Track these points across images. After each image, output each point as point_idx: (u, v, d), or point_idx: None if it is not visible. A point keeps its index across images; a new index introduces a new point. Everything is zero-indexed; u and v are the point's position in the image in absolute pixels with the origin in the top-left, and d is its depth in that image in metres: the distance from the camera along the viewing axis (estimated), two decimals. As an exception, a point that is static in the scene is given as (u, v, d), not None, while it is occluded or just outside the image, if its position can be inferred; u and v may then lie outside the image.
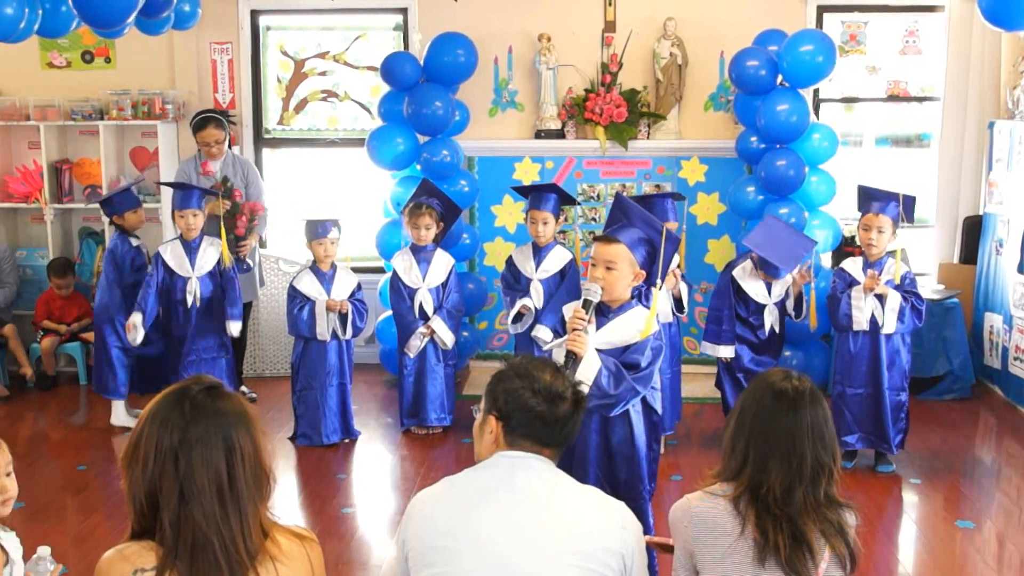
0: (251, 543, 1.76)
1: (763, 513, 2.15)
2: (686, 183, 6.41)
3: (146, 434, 1.77)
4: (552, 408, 2.12)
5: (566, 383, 2.17)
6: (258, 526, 1.79)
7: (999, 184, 6.09)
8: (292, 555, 1.83)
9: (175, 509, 1.73)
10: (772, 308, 4.97)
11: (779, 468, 2.15)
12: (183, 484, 1.73)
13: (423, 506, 2.13)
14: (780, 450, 2.16)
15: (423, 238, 5.33)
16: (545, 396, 2.12)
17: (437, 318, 5.34)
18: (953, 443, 5.28)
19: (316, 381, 5.25)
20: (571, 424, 2.17)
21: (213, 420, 1.77)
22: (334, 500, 4.59)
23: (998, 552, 4.08)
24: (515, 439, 2.13)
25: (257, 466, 1.81)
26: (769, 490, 2.15)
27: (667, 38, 6.28)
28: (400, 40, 6.69)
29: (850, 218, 6.08)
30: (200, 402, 1.79)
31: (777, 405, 2.20)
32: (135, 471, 1.77)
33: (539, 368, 2.17)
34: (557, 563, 2.00)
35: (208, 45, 6.65)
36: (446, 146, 5.98)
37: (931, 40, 6.55)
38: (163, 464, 1.74)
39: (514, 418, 2.12)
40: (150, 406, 1.82)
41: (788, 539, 2.11)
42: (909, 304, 4.66)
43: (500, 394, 2.15)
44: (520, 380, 2.14)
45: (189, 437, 1.74)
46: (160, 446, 1.75)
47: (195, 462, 1.73)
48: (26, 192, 6.64)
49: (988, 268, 6.17)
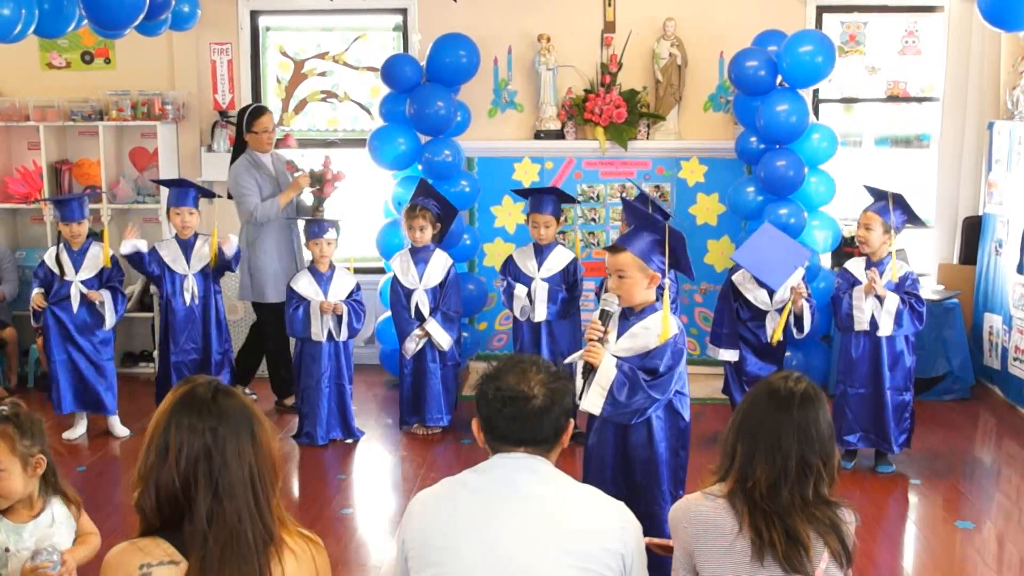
0: (275, 531, 1.84)
1: (754, 510, 2.16)
2: (686, 183, 6.41)
3: (173, 440, 1.80)
4: (519, 409, 2.11)
5: (537, 380, 2.14)
6: (277, 515, 1.86)
7: (998, 185, 6.09)
8: (302, 551, 1.88)
9: (210, 505, 1.77)
10: (773, 315, 4.97)
11: (764, 465, 2.17)
12: (219, 480, 1.78)
13: (423, 506, 2.14)
14: (765, 447, 2.18)
15: (419, 239, 5.34)
16: (509, 397, 2.12)
17: (432, 320, 5.34)
18: (953, 444, 5.28)
19: (313, 380, 5.27)
20: (548, 419, 2.14)
21: (238, 416, 1.84)
22: (334, 501, 4.59)
23: (998, 552, 4.08)
24: (493, 440, 2.16)
25: (271, 458, 1.88)
26: (755, 486, 2.17)
27: (667, 38, 6.28)
28: (400, 41, 6.69)
29: (850, 218, 6.08)
30: (220, 401, 1.85)
31: (768, 403, 2.23)
32: (163, 476, 1.78)
33: (509, 369, 2.17)
34: (557, 563, 2.00)
35: (208, 46, 6.65)
36: (447, 146, 5.98)
37: (931, 40, 6.55)
38: (195, 465, 1.78)
39: (488, 421, 2.15)
40: (166, 414, 1.84)
41: (782, 536, 2.12)
42: (907, 307, 4.65)
43: (478, 398, 2.18)
44: (488, 383, 2.17)
45: (221, 435, 1.80)
46: (192, 448, 1.79)
47: (229, 458, 1.80)
48: (26, 193, 6.64)
49: (988, 269, 6.17)
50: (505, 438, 2.14)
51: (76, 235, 5.24)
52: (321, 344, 5.24)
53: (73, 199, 5.32)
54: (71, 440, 5.33)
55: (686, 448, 3.40)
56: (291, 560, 1.84)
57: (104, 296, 5.23)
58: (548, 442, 2.16)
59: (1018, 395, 5.81)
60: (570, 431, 2.21)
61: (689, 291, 6.38)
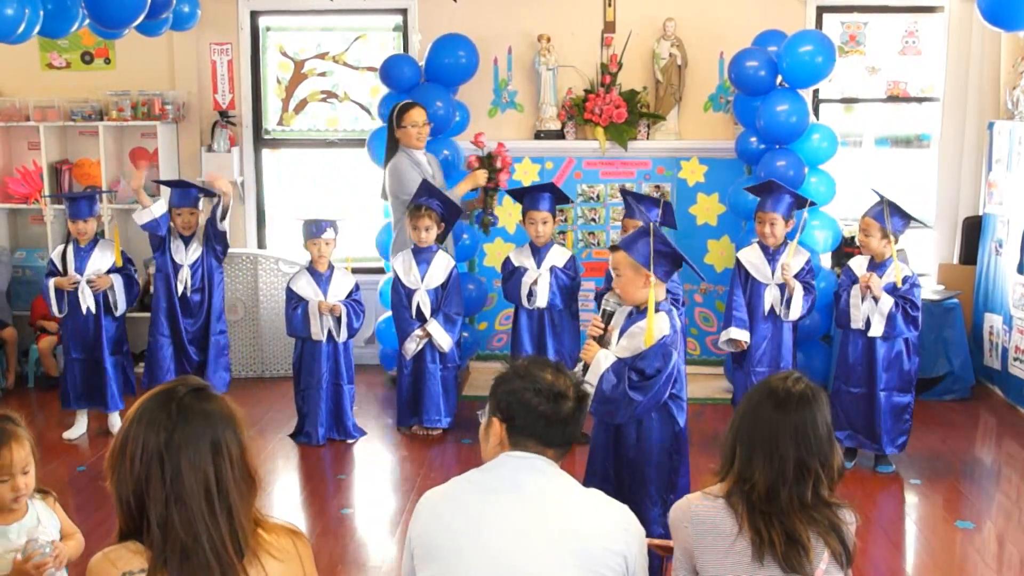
0: (241, 543, 1.76)
1: (753, 511, 2.16)
2: (686, 183, 6.41)
3: (132, 435, 1.76)
4: (555, 407, 2.12)
5: (568, 382, 2.17)
6: (249, 525, 1.79)
7: (999, 185, 6.09)
8: (285, 551, 1.83)
9: (162, 511, 1.72)
10: (773, 288, 4.96)
11: (762, 467, 2.17)
12: (170, 486, 1.72)
13: (430, 504, 2.15)
14: (763, 449, 2.18)
15: (424, 239, 5.32)
16: (548, 395, 2.12)
17: (433, 321, 5.34)
18: (953, 444, 5.28)
19: (314, 380, 5.27)
20: (574, 423, 2.17)
21: (200, 422, 1.76)
22: (334, 500, 4.59)
23: (998, 552, 4.08)
24: (519, 440, 2.14)
25: (244, 466, 1.80)
26: (753, 487, 2.16)
27: (667, 38, 6.28)
28: (400, 41, 6.69)
29: (850, 218, 6.08)
30: (187, 404, 1.78)
31: (766, 404, 2.23)
32: (122, 472, 1.76)
33: (540, 368, 2.18)
34: (559, 563, 2.01)
35: (208, 46, 6.65)
36: (447, 146, 5.98)
37: (931, 40, 6.55)
38: (149, 466, 1.73)
39: (518, 419, 2.13)
40: (136, 407, 1.81)
41: (782, 537, 2.12)
42: (900, 310, 4.65)
43: (503, 396, 2.15)
44: (522, 380, 2.14)
45: (176, 439, 1.73)
46: (146, 448, 1.74)
47: (182, 464, 1.72)
48: (26, 193, 6.64)
49: (988, 269, 6.16)
50: (539, 437, 2.12)
51: (83, 232, 5.27)
52: (320, 344, 5.24)
53: (82, 197, 5.37)
54: (72, 440, 5.33)
55: (680, 453, 3.38)
56: (273, 565, 1.79)
57: (114, 280, 5.26)
58: (567, 445, 2.17)
59: (1018, 395, 5.81)
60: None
61: (689, 291, 6.37)
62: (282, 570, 1.80)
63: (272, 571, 1.79)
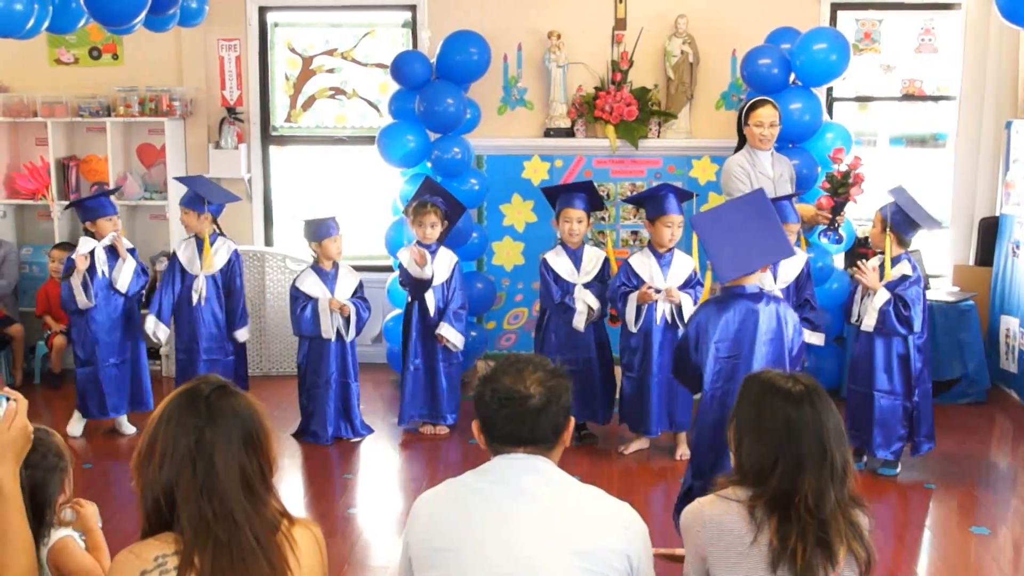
0: (279, 523, 1.86)
1: (787, 520, 2.11)
2: (697, 182, 6.34)
3: (161, 436, 1.82)
4: (515, 409, 2.08)
5: (534, 379, 2.10)
6: (281, 509, 1.89)
7: (1016, 185, 6.00)
8: (305, 540, 1.90)
9: (194, 508, 1.78)
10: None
11: (813, 473, 2.13)
12: (204, 482, 1.79)
13: (425, 507, 2.13)
14: (813, 457, 2.15)
15: (428, 236, 5.29)
16: (506, 398, 2.09)
17: (444, 324, 5.30)
18: (968, 448, 5.21)
19: (321, 380, 5.24)
20: (546, 418, 2.09)
21: (230, 419, 1.84)
22: (340, 500, 4.56)
23: (1014, 559, 4.01)
24: (493, 442, 2.13)
25: (269, 455, 1.90)
26: (802, 499, 2.12)
27: (678, 36, 6.22)
28: (409, 37, 6.65)
29: (863, 218, 6.00)
30: (214, 402, 1.85)
31: (798, 412, 2.18)
32: (149, 472, 1.82)
33: (506, 370, 2.14)
34: (560, 563, 1.98)
35: (216, 42, 6.62)
36: (457, 144, 5.94)
37: (947, 38, 6.46)
38: (180, 465, 1.79)
39: (487, 422, 2.13)
40: (162, 408, 1.87)
41: (810, 545, 2.08)
42: (891, 307, 4.59)
43: (476, 400, 2.17)
44: (484, 384, 2.15)
45: (207, 437, 1.81)
46: (177, 447, 1.80)
47: (216, 461, 1.80)
48: (33, 189, 6.63)
49: (1004, 270, 6.08)
50: (504, 439, 2.12)
51: (105, 231, 5.28)
52: (329, 343, 5.20)
53: (103, 195, 5.42)
54: (75, 437, 5.31)
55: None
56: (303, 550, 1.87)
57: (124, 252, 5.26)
58: (547, 441, 2.12)
59: (1034, 399, 5.73)
60: (571, 429, 2.17)
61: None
62: (310, 553, 1.89)
63: (305, 550, 1.87)
